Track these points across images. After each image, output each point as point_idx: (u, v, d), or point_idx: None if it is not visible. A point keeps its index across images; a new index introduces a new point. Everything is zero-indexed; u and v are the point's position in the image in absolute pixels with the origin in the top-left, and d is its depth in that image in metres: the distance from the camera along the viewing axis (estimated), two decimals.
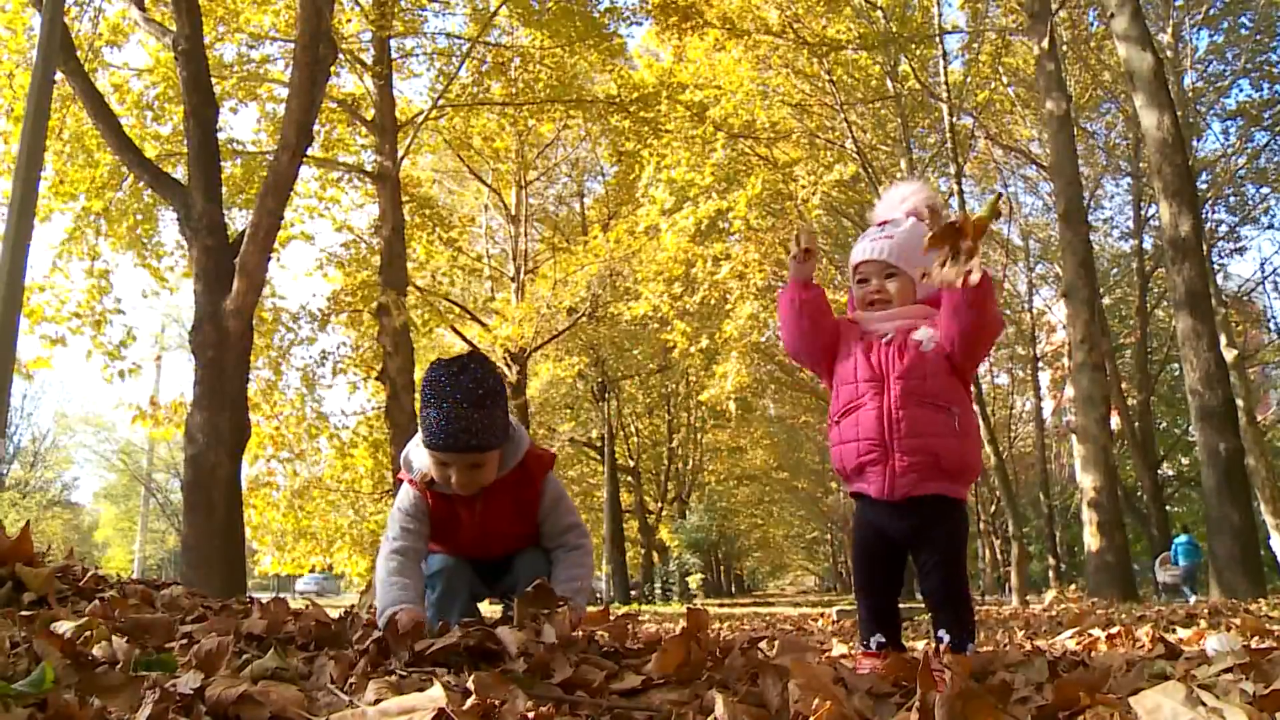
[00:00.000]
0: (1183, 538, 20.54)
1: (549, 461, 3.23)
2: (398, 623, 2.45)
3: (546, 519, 3.17)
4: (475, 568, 3.21)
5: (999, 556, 32.10)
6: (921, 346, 2.95)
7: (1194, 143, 24.55)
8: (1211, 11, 24.83)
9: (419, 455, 3.01)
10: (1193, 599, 15.93)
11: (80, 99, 11.50)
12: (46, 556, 2.82)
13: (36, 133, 8.62)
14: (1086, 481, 15.49)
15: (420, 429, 2.93)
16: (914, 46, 20.11)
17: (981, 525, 33.55)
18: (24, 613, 2.26)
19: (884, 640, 2.97)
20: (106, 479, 52.49)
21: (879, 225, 3.21)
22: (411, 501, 3.07)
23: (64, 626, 1.98)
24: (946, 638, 2.82)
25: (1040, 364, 34.68)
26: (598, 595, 33.93)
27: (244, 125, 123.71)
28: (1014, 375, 37.72)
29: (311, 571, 21.91)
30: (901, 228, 3.14)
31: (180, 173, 12.26)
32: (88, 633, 1.97)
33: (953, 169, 20.79)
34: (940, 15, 20.36)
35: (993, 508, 32.73)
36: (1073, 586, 19.10)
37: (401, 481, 3.12)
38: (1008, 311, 34.29)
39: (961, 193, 20.94)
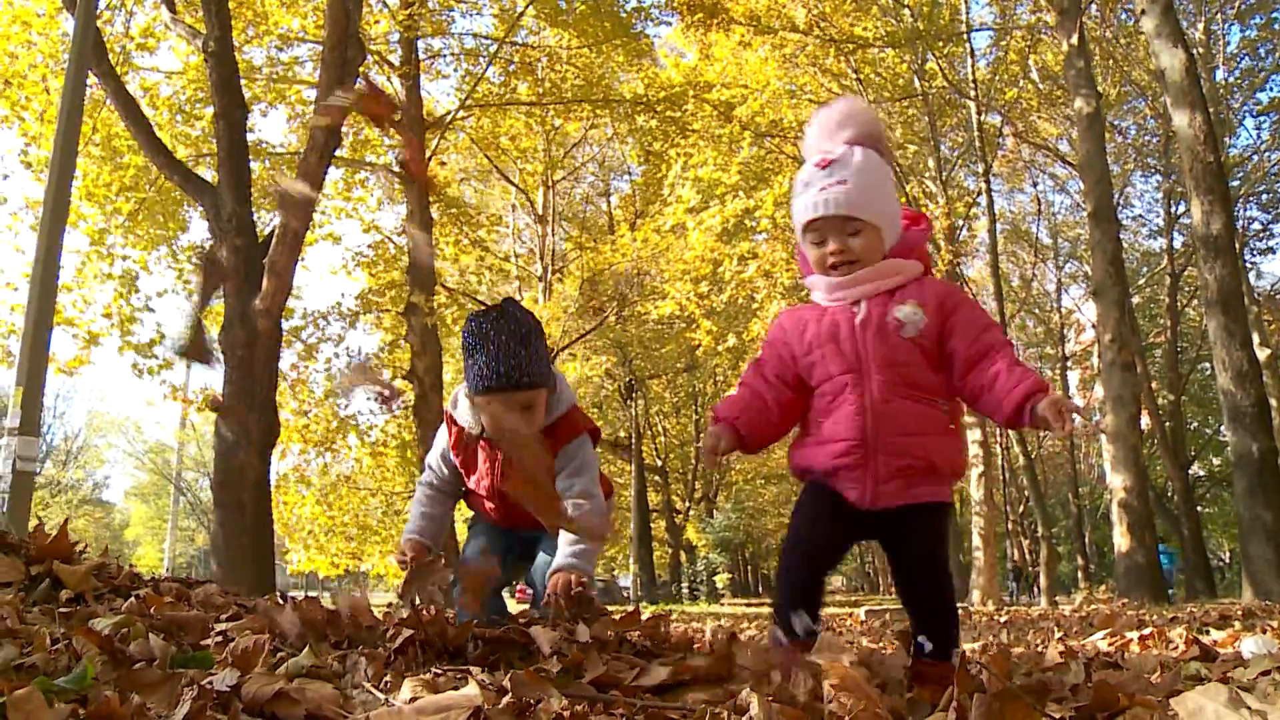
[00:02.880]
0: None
1: (583, 428, 3.15)
2: (402, 550, 2.83)
3: (560, 475, 3.03)
4: (505, 542, 3.22)
5: (1027, 556, 31.88)
6: (903, 331, 2.51)
7: (1226, 139, 24.31)
8: (1243, 7, 24.58)
9: (464, 408, 3.07)
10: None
11: (112, 102, 11.60)
12: (82, 554, 2.84)
13: (69, 136, 8.72)
14: (1116, 482, 15.35)
15: (467, 381, 2.96)
16: (941, 44, 20.00)
17: (1010, 525, 33.36)
18: (62, 610, 2.28)
19: (809, 626, 2.49)
20: (137, 478, 52.93)
21: (822, 166, 2.63)
22: (449, 442, 3.18)
23: (102, 624, 2.00)
24: (929, 645, 2.43)
25: (1069, 363, 34.46)
26: (624, 593, 33.97)
27: (273, 127, 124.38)
28: (1043, 375, 37.47)
29: (345, 574, 22.01)
30: (853, 165, 2.60)
31: (210, 174, 12.36)
32: (125, 630, 1.99)
33: (981, 167, 20.69)
34: (968, 12, 20.28)
35: (1020, 508, 32.56)
36: (1103, 587, 18.97)
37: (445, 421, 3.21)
38: (1035, 310, 34.13)
39: (990, 191, 20.83)
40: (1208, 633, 4.44)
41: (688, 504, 37.50)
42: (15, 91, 13.18)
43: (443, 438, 3.20)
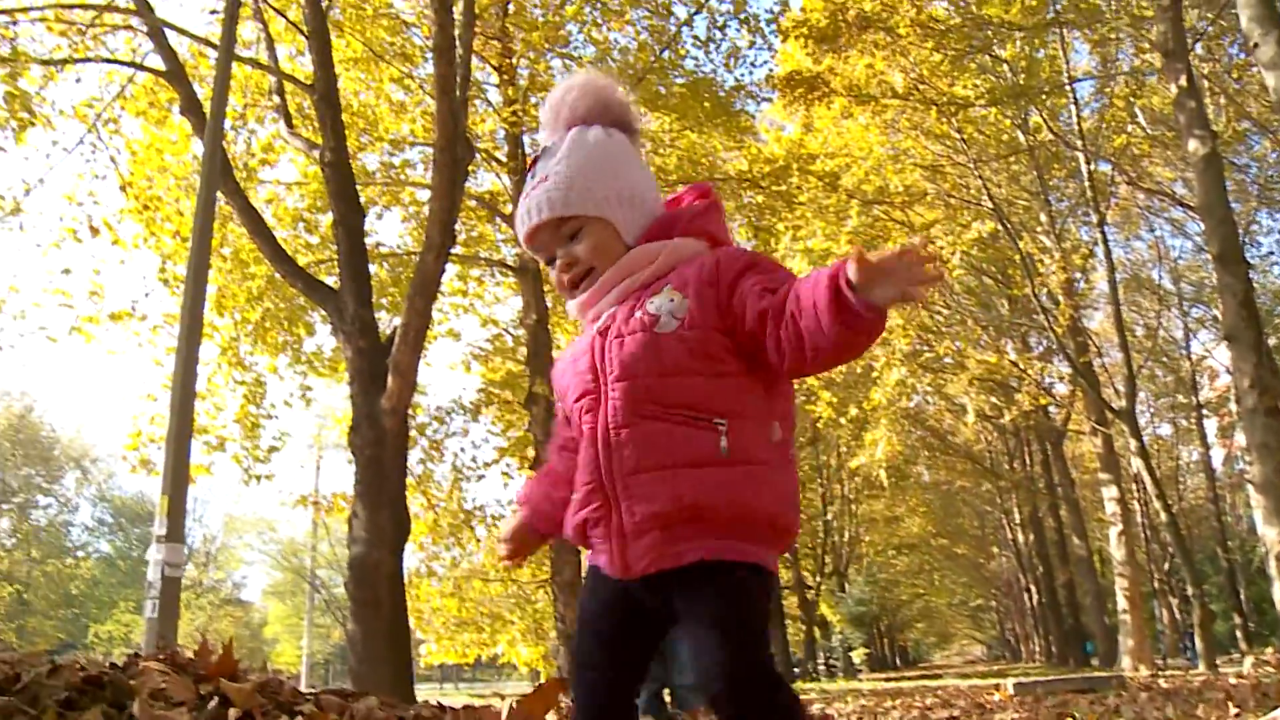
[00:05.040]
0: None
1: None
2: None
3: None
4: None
5: (1178, 618, 30.54)
6: (658, 325, 1.86)
7: None
8: None
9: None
10: None
11: (238, 216, 12.08)
12: (246, 670, 2.89)
13: (202, 252, 9.10)
14: (1271, 534, 14.59)
15: None
16: (1044, 97, 19.77)
17: (1156, 584, 32.06)
18: None
19: None
20: (273, 576, 54.18)
21: (529, 169, 2.09)
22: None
23: None
24: None
25: (1204, 411, 33.23)
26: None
27: (388, 228, 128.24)
28: (1177, 425, 36.19)
29: (478, 661, 22.12)
30: (560, 154, 2.03)
31: (331, 279, 12.76)
32: None
33: (1095, 217, 20.27)
34: (1068, 63, 20.02)
35: (1166, 565, 31.28)
36: (1269, 650, 18.01)
37: None
38: (1164, 359, 33.04)
39: (1106, 241, 20.37)
40: None
41: (818, 579, 36.88)
42: (152, 213, 13.84)
43: None
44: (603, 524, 1.86)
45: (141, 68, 12.79)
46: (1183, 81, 15.57)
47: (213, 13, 13.56)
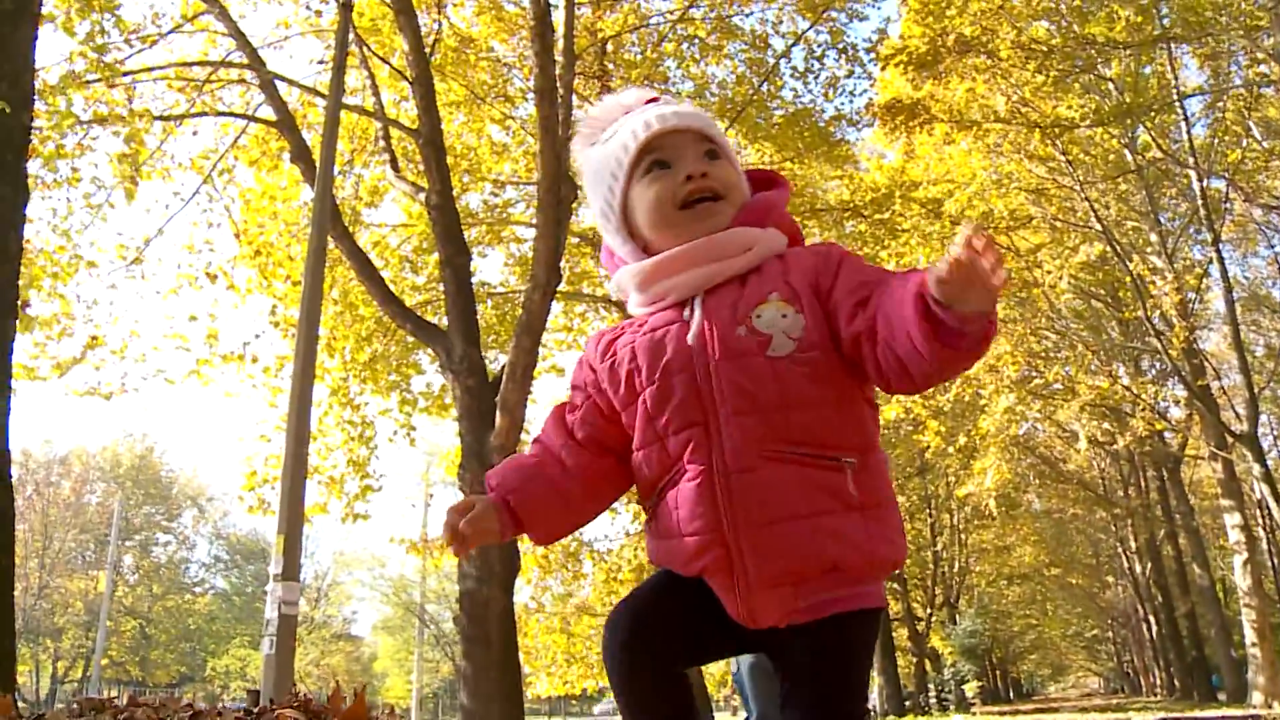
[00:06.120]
0: None
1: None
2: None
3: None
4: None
5: None
6: (772, 347, 1.65)
7: None
8: None
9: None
10: None
11: (347, 259, 12.37)
12: (374, 715, 2.93)
13: (314, 297, 9.34)
14: None
15: None
16: (1152, 115, 19.31)
17: None
18: None
19: None
20: (383, 612, 54.94)
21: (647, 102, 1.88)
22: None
23: None
24: None
25: None
26: (871, 709, 32.84)
27: (491, 268, 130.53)
28: None
29: (583, 694, 22.17)
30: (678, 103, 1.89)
31: (438, 319, 12.97)
32: None
33: (1209, 236, 19.69)
34: (1176, 79, 19.53)
35: None
36: None
37: None
38: None
39: (1222, 260, 19.76)
40: None
41: (929, 611, 36.18)
42: (265, 259, 14.23)
43: None
44: (722, 574, 1.65)
45: (254, 119, 13.22)
46: None
47: (320, 63, 13.98)
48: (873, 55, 15.77)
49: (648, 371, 1.72)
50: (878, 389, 1.73)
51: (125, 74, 11.66)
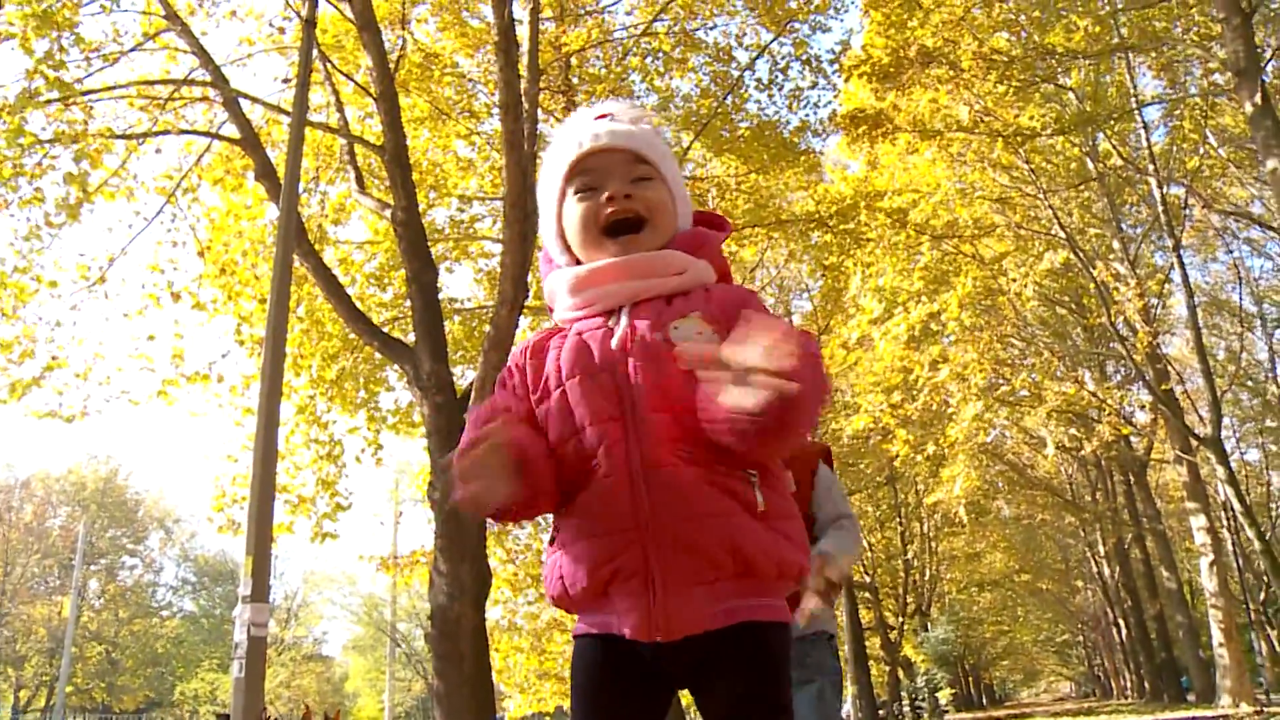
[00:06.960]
0: None
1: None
2: None
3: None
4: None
5: (1278, 648, 29.59)
6: (686, 361, 1.64)
7: None
8: None
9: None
10: None
11: (313, 276, 12.26)
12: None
13: (280, 315, 9.26)
14: None
15: None
16: (1111, 123, 19.51)
17: (1253, 615, 31.11)
18: None
19: None
20: (354, 631, 54.58)
21: (596, 119, 1.89)
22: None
23: None
24: None
25: None
26: (845, 718, 32.86)
27: (458, 283, 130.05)
28: (1265, 450, 35.25)
29: (558, 710, 22.04)
30: (633, 115, 1.90)
31: (405, 335, 12.89)
32: None
33: (1170, 242, 19.90)
34: (1135, 88, 19.76)
35: (1262, 595, 30.34)
36: None
37: None
38: (1248, 383, 32.25)
39: (1183, 265, 19.96)
40: None
41: (901, 619, 36.27)
42: (230, 277, 14.12)
43: None
44: (636, 578, 1.60)
45: (218, 136, 13.10)
46: (1257, 99, 15.29)
47: (284, 81, 13.91)
48: (836, 66, 15.87)
49: (569, 369, 1.73)
50: None
51: (86, 92, 11.52)
